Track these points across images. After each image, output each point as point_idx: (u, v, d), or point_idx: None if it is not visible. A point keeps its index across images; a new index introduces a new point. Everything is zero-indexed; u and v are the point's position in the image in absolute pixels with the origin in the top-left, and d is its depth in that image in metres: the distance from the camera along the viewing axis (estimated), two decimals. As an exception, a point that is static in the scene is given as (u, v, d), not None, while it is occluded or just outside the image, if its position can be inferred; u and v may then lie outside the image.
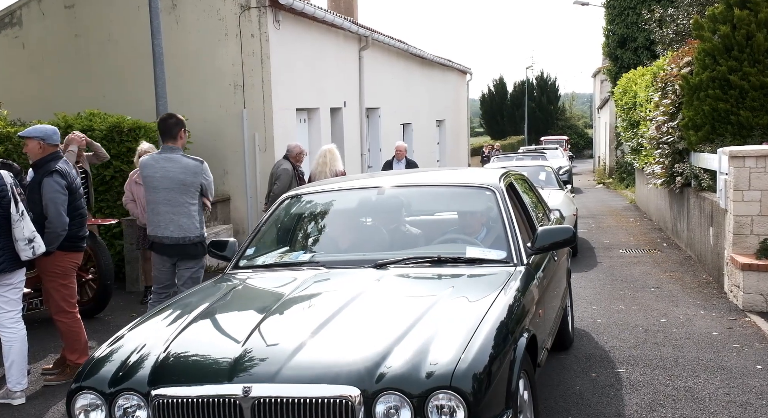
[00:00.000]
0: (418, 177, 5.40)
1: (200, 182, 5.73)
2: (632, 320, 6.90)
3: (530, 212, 5.00)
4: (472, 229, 4.55)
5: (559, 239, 4.18)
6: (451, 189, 4.89)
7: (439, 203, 4.96)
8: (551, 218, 6.06)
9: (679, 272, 9.18)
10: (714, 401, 4.76)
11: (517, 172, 5.66)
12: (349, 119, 14.58)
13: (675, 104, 10.17)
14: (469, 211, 4.76)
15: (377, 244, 4.49)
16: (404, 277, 3.91)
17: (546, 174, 12.25)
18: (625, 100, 16.81)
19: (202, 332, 3.33)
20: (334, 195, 5.00)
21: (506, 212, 4.29)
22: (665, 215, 12.71)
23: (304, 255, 4.46)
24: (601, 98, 31.85)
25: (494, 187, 4.52)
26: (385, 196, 4.83)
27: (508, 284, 3.67)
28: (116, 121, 8.87)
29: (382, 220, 4.77)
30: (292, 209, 4.89)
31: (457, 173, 5.59)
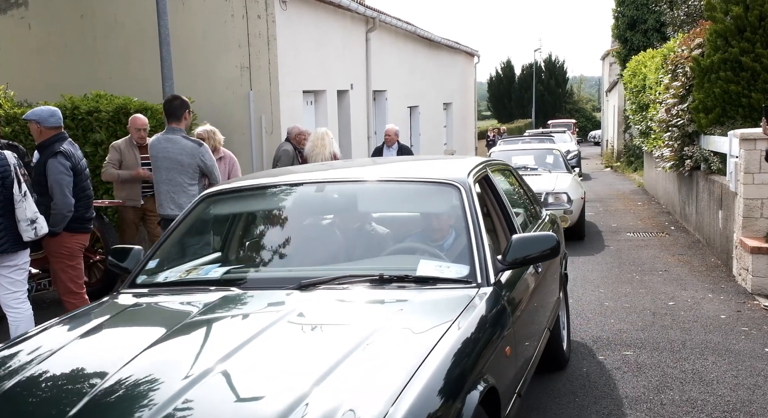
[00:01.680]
0: (369, 170, 4.34)
1: (197, 164, 5.88)
2: (640, 303, 6.89)
3: (510, 213, 4.13)
4: (431, 236, 3.69)
5: (537, 251, 3.31)
6: (408, 186, 3.87)
7: (393, 203, 4.01)
8: (543, 216, 5.23)
9: (687, 255, 9.16)
10: (722, 383, 4.76)
11: (500, 163, 4.94)
12: (356, 102, 14.53)
13: (685, 87, 10.10)
14: (428, 213, 3.85)
15: (308, 257, 3.63)
16: (333, 302, 3.08)
17: (554, 157, 12.21)
18: (634, 83, 16.70)
19: (45, 378, 2.53)
20: (261, 193, 4.03)
21: (473, 215, 3.40)
22: (674, 198, 12.66)
23: (216, 271, 3.54)
24: (610, 81, 31.67)
25: (459, 183, 3.60)
26: (324, 195, 3.93)
27: (466, 312, 2.84)
28: (123, 103, 8.86)
29: (318, 225, 3.90)
30: (209, 211, 4.00)
31: (421, 165, 4.75)
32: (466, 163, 4.05)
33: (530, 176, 10.97)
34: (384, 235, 3.81)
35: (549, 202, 9.89)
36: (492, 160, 4.68)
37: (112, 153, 7.38)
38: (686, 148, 10.36)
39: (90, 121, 8.56)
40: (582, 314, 6.53)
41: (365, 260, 3.57)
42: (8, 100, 8.87)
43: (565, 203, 9.89)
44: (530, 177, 10.88)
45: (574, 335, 5.91)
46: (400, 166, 4.73)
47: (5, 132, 8.18)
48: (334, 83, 13.41)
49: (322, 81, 12.82)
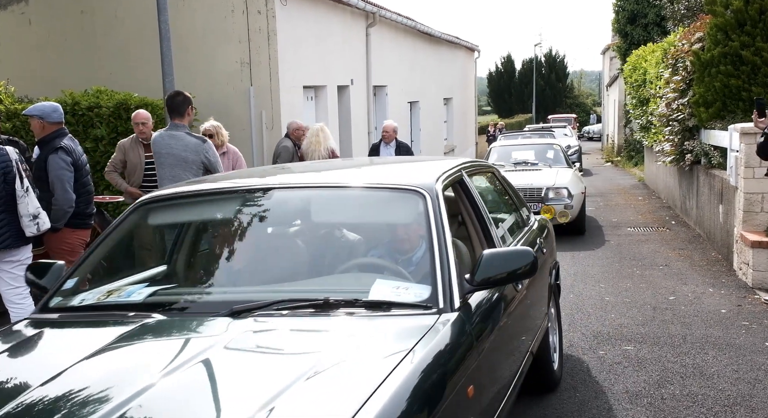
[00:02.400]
0: (327, 175, 3.91)
1: (201, 160, 5.85)
2: (640, 297, 6.89)
3: (488, 223, 3.66)
4: (392, 251, 3.30)
5: (510, 269, 2.89)
6: (367, 193, 3.38)
7: (350, 213, 3.48)
8: (531, 222, 4.77)
9: (687, 249, 9.15)
10: (722, 378, 4.75)
11: (481, 165, 4.49)
12: (356, 97, 14.51)
13: (686, 81, 10.08)
14: (389, 224, 3.42)
15: (248, 276, 3.18)
16: (266, 332, 2.63)
17: (554, 152, 12.20)
18: (634, 77, 16.68)
19: None
20: (202, 201, 3.51)
21: (438, 227, 2.95)
22: (674, 192, 12.65)
23: (140, 293, 3.05)
24: (611, 76, 31.61)
25: (425, 189, 3.13)
26: (273, 203, 3.44)
27: (420, 345, 2.40)
28: (123, 99, 8.85)
29: (263, 239, 3.42)
30: (145, 220, 3.56)
31: (386, 169, 4.25)
32: (438, 167, 3.62)
33: (531, 171, 11.00)
34: (339, 249, 3.37)
35: (549, 197, 9.90)
36: (472, 162, 4.20)
37: (116, 153, 7.07)
38: (687, 143, 10.34)
39: (90, 116, 8.56)
40: (582, 309, 6.53)
41: (315, 280, 3.12)
42: (9, 95, 8.86)
43: (565, 198, 9.90)
44: (531, 172, 10.91)
45: (574, 330, 5.91)
46: (362, 171, 4.17)
47: (6, 128, 8.18)
48: (335, 79, 13.39)
49: (322, 76, 12.80)
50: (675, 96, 10.52)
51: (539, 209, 9.83)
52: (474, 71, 28.39)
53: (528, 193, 9.94)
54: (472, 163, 4.13)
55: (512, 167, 11.46)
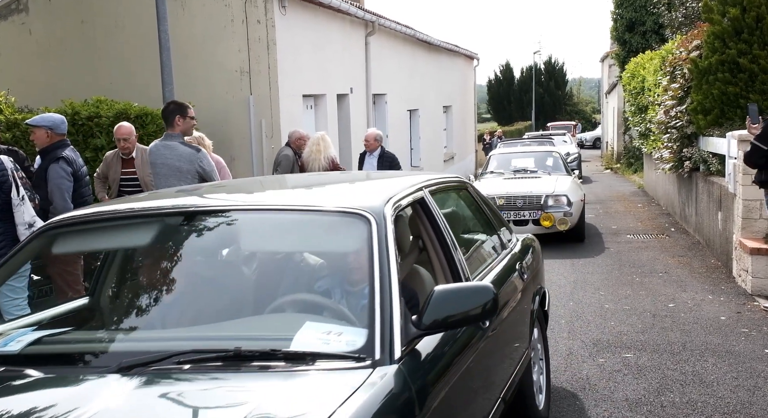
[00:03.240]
0: (262, 196, 3.39)
1: (196, 170, 5.85)
2: (640, 305, 6.88)
3: (453, 249, 3.19)
4: (330, 286, 2.83)
5: (464, 309, 2.43)
6: (305, 216, 2.88)
7: (285, 240, 2.97)
8: (511, 244, 4.27)
9: (687, 257, 9.15)
10: (722, 385, 4.75)
11: (451, 181, 3.97)
12: (356, 106, 14.52)
13: (684, 88, 10.11)
14: (328, 254, 2.94)
15: (153, 318, 2.70)
16: (152, 397, 2.16)
17: (554, 160, 12.22)
18: (633, 84, 16.71)
19: None
20: (112, 225, 2.99)
21: (382, 258, 2.50)
22: (673, 199, 12.66)
23: (20, 341, 2.51)
24: (609, 83, 31.66)
25: (370, 213, 2.67)
26: (193, 229, 2.93)
27: (343, 410, 1.97)
28: (123, 108, 8.86)
29: (178, 271, 2.90)
30: (49, 248, 3.15)
31: (336, 188, 3.76)
32: (395, 185, 3.18)
33: (530, 179, 11.01)
34: (267, 284, 2.89)
35: (549, 205, 9.91)
36: (441, 179, 3.74)
37: (102, 165, 6.94)
38: (685, 150, 10.36)
39: (90, 126, 8.56)
40: (582, 317, 6.52)
41: (234, 322, 2.62)
42: (9, 105, 8.87)
43: (564, 206, 9.91)
44: (530, 180, 10.92)
45: (574, 337, 5.91)
46: (308, 190, 3.66)
47: (5, 138, 8.19)
48: (334, 87, 13.41)
49: (321, 85, 12.82)
50: (673, 103, 10.54)
51: (539, 217, 9.84)
52: (473, 79, 28.42)
53: (527, 201, 9.97)
54: (440, 181, 3.67)
55: (512, 175, 11.49)
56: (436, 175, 3.82)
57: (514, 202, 10.02)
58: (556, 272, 8.46)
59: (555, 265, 8.88)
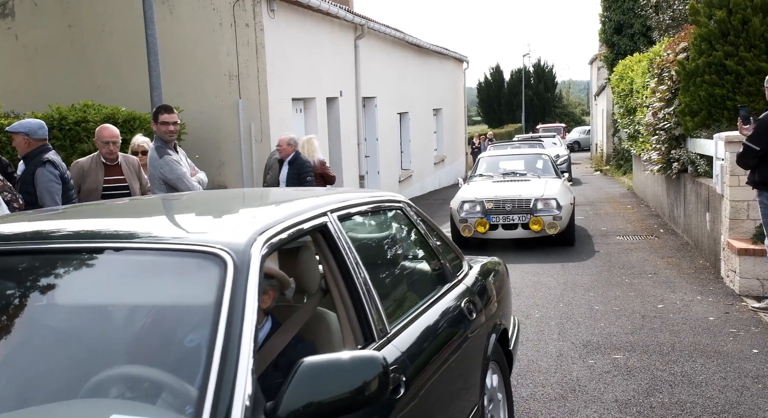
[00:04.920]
0: (95, 224, 2.56)
1: (158, 176, 5.83)
2: (629, 306, 6.91)
3: (364, 296, 2.57)
4: (161, 356, 2.03)
5: (337, 394, 1.85)
6: (138, 258, 2.20)
7: (111, 290, 2.23)
8: (460, 274, 3.64)
9: (676, 257, 9.19)
10: (710, 385, 4.77)
11: (379, 201, 3.35)
12: (346, 109, 14.54)
13: (671, 90, 10.16)
14: (163, 308, 2.16)
15: None
16: None
17: (543, 162, 12.24)
18: (621, 86, 16.77)
19: None
20: None
21: (232, 320, 1.92)
22: (662, 201, 12.72)
23: None
24: (598, 85, 31.78)
25: (229, 251, 2.07)
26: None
27: None
28: (111, 113, 8.85)
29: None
30: None
31: (199, 214, 2.90)
32: (280, 210, 2.58)
33: (519, 182, 11.03)
34: (77, 353, 2.07)
35: (538, 209, 9.92)
36: (360, 198, 3.14)
37: (72, 173, 5.97)
38: (673, 151, 10.41)
39: (78, 131, 8.55)
40: (572, 318, 6.54)
41: (19, 414, 1.87)
42: (-4, 111, 8.84)
43: (554, 209, 9.92)
44: (519, 183, 10.94)
45: (564, 339, 5.93)
46: (160, 218, 2.74)
47: (-7, 143, 8.16)
48: (323, 90, 13.42)
49: (311, 88, 12.83)
50: (661, 105, 10.59)
51: (528, 221, 9.85)
52: (463, 82, 28.49)
53: (516, 205, 9.98)
54: (359, 202, 3.05)
55: (500, 178, 11.50)
56: (358, 193, 3.24)
57: (502, 205, 10.03)
58: (546, 274, 8.48)
59: (545, 267, 8.90)
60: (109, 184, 6.02)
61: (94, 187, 6.00)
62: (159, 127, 5.87)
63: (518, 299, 7.36)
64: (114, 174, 6.09)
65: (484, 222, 9.99)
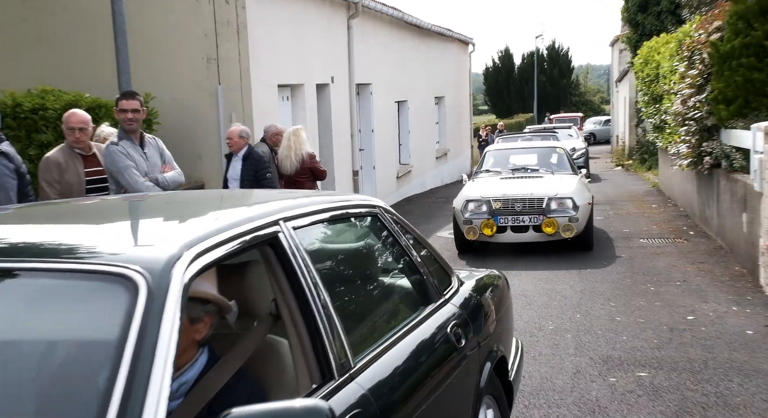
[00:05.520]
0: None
1: (107, 168, 5.91)
2: (655, 317, 6.87)
3: (322, 323, 2.40)
4: (58, 403, 1.80)
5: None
6: (31, 281, 2.03)
7: (11, 318, 2.02)
8: (448, 293, 3.47)
9: (708, 263, 9.15)
10: (749, 408, 4.72)
11: (350, 206, 3.18)
12: (337, 97, 14.48)
13: (703, 75, 10.11)
14: (61, 344, 1.93)
15: None
16: None
17: (558, 156, 12.19)
18: (646, 71, 16.74)
19: None
20: None
21: (139, 361, 1.74)
22: (692, 199, 12.68)
23: None
24: (620, 70, 31.79)
25: (142, 271, 1.90)
26: None
27: None
28: (73, 99, 8.75)
29: None
30: None
31: (128, 221, 2.75)
32: (220, 218, 2.41)
33: (531, 179, 10.98)
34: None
35: (552, 209, 9.86)
36: (326, 203, 2.97)
37: (45, 172, 5.89)
38: (705, 144, 10.37)
39: (35, 120, 8.45)
40: (591, 331, 6.50)
41: None
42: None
43: (570, 210, 9.86)
44: (530, 180, 10.89)
45: (581, 354, 5.88)
46: (68, 228, 2.52)
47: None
48: (313, 76, 13.36)
49: (299, 74, 12.76)
50: (691, 92, 10.55)
51: (541, 222, 9.79)
52: (468, 67, 28.45)
53: (527, 205, 9.92)
54: (322, 208, 2.88)
55: (510, 174, 11.45)
56: (322, 197, 3.11)
57: (512, 205, 9.97)
58: (561, 282, 8.44)
59: (560, 274, 8.86)
60: (90, 176, 6.00)
61: (76, 181, 5.92)
62: (118, 115, 5.94)
63: (530, 309, 7.31)
64: (92, 165, 6.05)
65: (491, 224, 9.93)
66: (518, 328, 6.62)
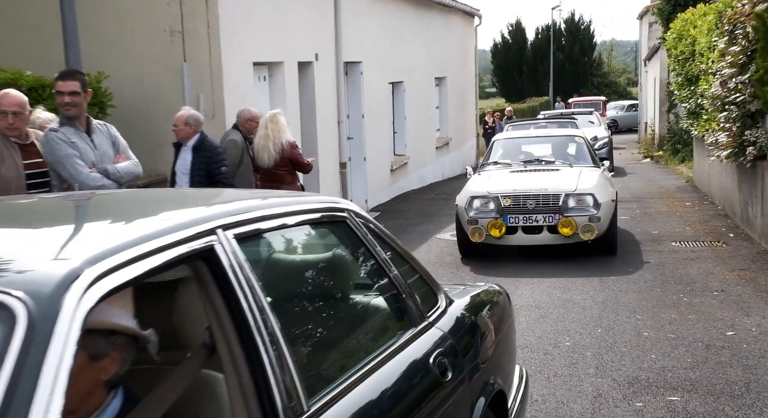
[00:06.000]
0: None
1: (46, 157, 5.88)
2: (689, 333, 6.87)
3: (268, 359, 2.24)
4: None
5: None
6: None
7: None
8: (435, 312, 3.33)
9: (750, 270, 9.17)
10: (796, 437, 4.71)
11: (312, 210, 2.99)
12: (323, 77, 14.45)
13: (746, 52, 10.12)
14: None
15: None
16: None
17: (577, 146, 12.20)
18: (680, 48, 16.76)
19: None
20: None
21: (6, 411, 1.56)
22: (732, 196, 12.69)
23: None
24: (650, 47, 31.85)
25: (24, 297, 1.72)
26: None
27: None
28: (12, 78, 8.69)
29: None
30: None
31: (42, 230, 2.47)
32: (143, 226, 2.27)
33: (545, 172, 10.98)
34: None
35: (570, 207, 9.84)
36: (280, 206, 2.79)
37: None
38: (748, 132, 10.37)
39: (-31, 102, 8.40)
40: (614, 348, 6.49)
41: None
42: None
43: (590, 208, 9.85)
44: (545, 174, 10.89)
45: (603, 374, 5.88)
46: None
47: None
48: (294, 53, 13.33)
49: (278, 50, 12.73)
50: (732, 72, 10.55)
51: (556, 222, 9.76)
52: (474, 43, 28.46)
53: (541, 202, 9.90)
54: (276, 212, 2.70)
55: (521, 167, 11.44)
56: (277, 199, 2.98)
57: (523, 203, 9.96)
58: (579, 291, 8.44)
59: (578, 282, 8.86)
60: (30, 169, 5.81)
61: (14, 174, 5.73)
62: (55, 99, 5.89)
63: (544, 322, 7.30)
64: (30, 156, 5.87)
65: (500, 223, 9.92)
66: (530, 345, 6.61)
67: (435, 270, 9.58)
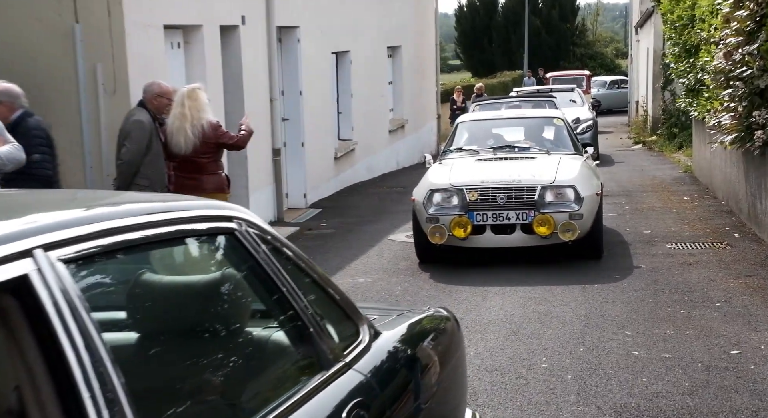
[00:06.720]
0: None
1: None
2: (686, 351, 6.91)
3: None
4: None
5: None
6: None
7: None
8: (347, 355, 3.05)
9: (758, 277, 9.25)
10: (813, 476, 4.75)
11: (187, 219, 2.66)
12: (251, 45, 14.36)
13: (755, 18, 10.18)
14: None
15: None
16: None
17: (556, 130, 12.25)
18: (677, 13, 16.88)
19: None
20: None
21: None
22: (737, 189, 12.81)
23: None
24: (642, 11, 32.11)
25: None
26: None
27: None
28: None
29: None
30: None
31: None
32: None
33: (518, 161, 10.99)
34: None
35: (547, 202, 9.85)
36: (141, 209, 2.61)
37: None
38: (756, 113, 10.44)
39: None
40: (598, 370, 6.51)
41: None
42: None
43: (571, 203, 9.88)
44: (518, 162, 10.91)
45: (586, 402, 5.90)
46: None
47: None
48: (216, 15, 13.22)
49: (195, 12, 12.62)
50: (739, 41, 10.63)
51: (531, 220, 9.77)
52: (434, 6, 28.49)
53: (514, 196, 9.90)
54: (128, 223, 2.36)
55: (490, 154, 11.44)
56: (139, 204, 2.81)
57: (492, 197, 9.95)
58: (558, 302, 8.45)
59: (557, 291, 8.88)
60: None
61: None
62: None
63: (516, 340, 7.29)
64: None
65: (465, 222, 9.90)
66: (500, 367, 6.59)
67: (387, 278, 9.60)
